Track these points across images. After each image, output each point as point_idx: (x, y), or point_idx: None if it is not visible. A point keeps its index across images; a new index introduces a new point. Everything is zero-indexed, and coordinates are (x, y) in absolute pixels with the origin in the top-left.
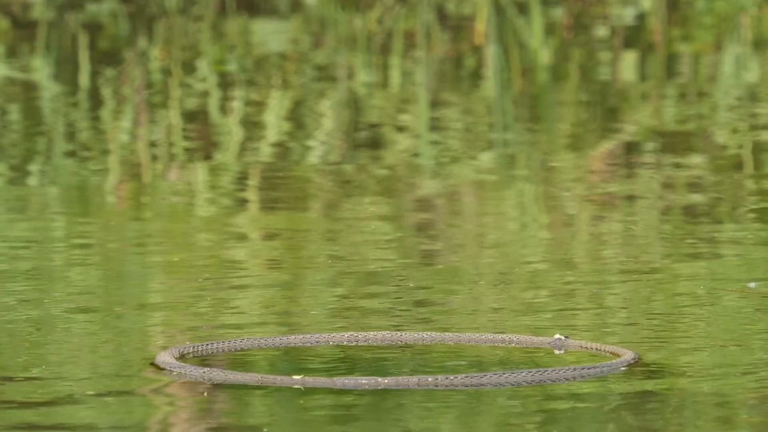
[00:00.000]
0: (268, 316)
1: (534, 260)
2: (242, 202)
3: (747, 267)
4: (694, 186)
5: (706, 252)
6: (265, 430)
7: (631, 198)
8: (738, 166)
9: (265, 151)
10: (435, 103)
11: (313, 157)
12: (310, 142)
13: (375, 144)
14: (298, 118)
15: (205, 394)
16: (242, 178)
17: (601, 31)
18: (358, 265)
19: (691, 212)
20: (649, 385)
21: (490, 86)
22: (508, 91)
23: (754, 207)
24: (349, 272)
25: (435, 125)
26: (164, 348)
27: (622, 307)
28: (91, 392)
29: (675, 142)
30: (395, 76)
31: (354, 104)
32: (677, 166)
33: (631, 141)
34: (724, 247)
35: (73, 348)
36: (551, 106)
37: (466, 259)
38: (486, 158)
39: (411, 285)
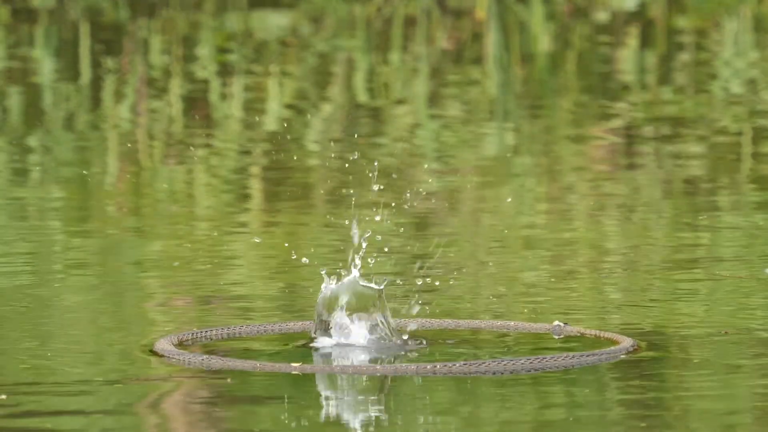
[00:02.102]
0: (270, 301)
1: (534, 243)
2: (245, 171)
3: (748, 249)
4: (695, 167)
5: (707, 235)
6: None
7: (632, 178)
8: (739, 148)
9: (266, 127)
10: (434, 88)
11: (314, 133)
12: (311, 119)
13: (375, 121)
14: (299, 96)
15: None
16: (244, 156)
17: (602, 16)
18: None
19: (693, 194)
20: (647, 372)
21: (490, 69)
22: (508, 74)
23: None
24: (350, 250)
25: (434, 110)
26: (164, 335)
27: (622, 293)
28: (90, 380)
29: (675, 123)
30: (395, 59)
31: (353, 84)
32: (679, 146)
33: (631, 121)
34: (726, 229)
35: (73, 333)
36: (551, 87)
37: (467, 239)
38: (486, 140)
39: (413, 268)
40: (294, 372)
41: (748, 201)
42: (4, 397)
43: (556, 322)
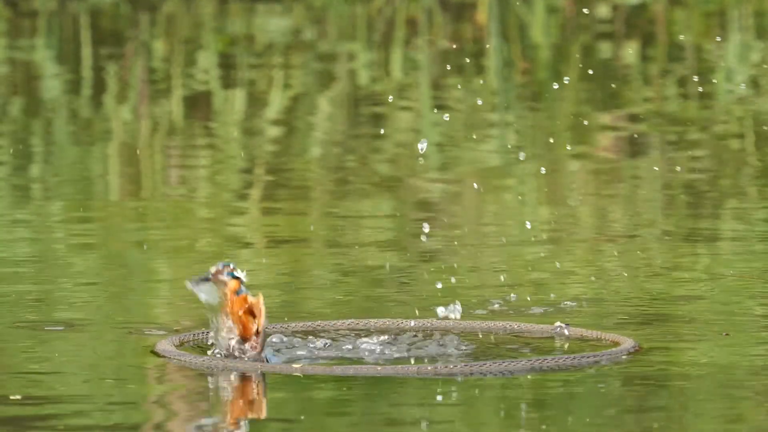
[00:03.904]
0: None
1: (535, 245)
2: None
3: (748, 252)
4: (696, 169)
5: (708, 236)
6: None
7: (633, 180)
8: (740, 149)
9: (268, 130)
10: (436, 87)
11: (316, 135)
12: (312, 121)
13: (377, 123)
14: (299, 101)
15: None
16: (246, 158)
17: (603, 11)
18: (361, 244)
19: (696, 194)
20: (649, 373)
21: (491, 69)
22: (510, 74)
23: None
24: (352, 251)
25: (438, 105)
26: (164, 336)
27: (624, 294)
28: (91, 380)
29: (677, 124)
30: (396, 60)
31: (355, 87)
32: (679, 148)
33: (634, 121)
34: (727, 232)
35: (75, 332)
36: (553, 87)
37: (468, 238)
38: (488, 139)
39: (414, 268)
40: (295, 374)
41: (750, 201)
42: (18, 397)
43: (558, 324)
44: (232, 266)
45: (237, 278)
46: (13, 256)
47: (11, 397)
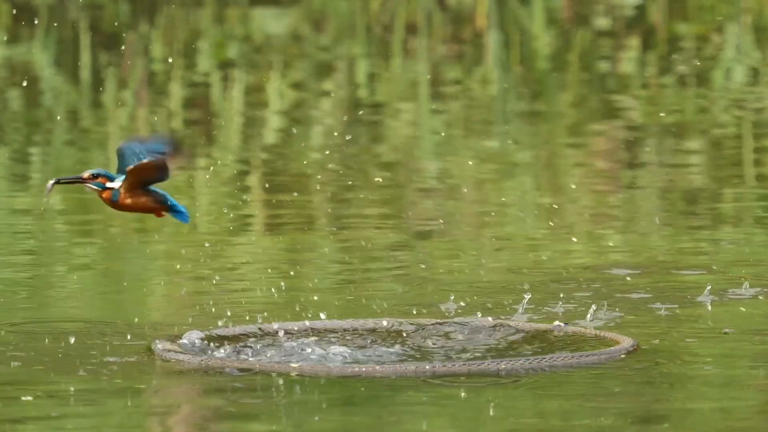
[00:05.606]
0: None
1: (536, 247)
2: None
3: (748, 252)
4: (695, 171)
5: (707, 238)
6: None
7: (632, 183)
8: (739, 150)
9: (269, 127)
10: (435, 87)
11: (316, 134)
12: (313, 116)
13: (376, 121)
14: (300, 94)
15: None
16: (245, 156)
17: (602, 21)
18: (361, 240)
19: (695, 195)
20: (647, 371)
21: (490, 70)
22: (509, 75)
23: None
24: (351, 249)
25: (436, 108)
26: (165, 335)
27: (624, 294)
28: (92, 381)
29: (676, 126)
30: (396, 61)
31: (354, 84)
32: (679, 150)
33: (632, 123)
34: (726, 232)
35: (76, 332)
36: (552, 88)
37: (467, 236)
38: (487, 140)
39: (411, 264)
40: (293, 373)
41: (749, 201)
42: (29, 398)
43: (557, 323)
44: (105, 175)
45: (109, 189)
46: (13, 254)
47: (23, 398)
